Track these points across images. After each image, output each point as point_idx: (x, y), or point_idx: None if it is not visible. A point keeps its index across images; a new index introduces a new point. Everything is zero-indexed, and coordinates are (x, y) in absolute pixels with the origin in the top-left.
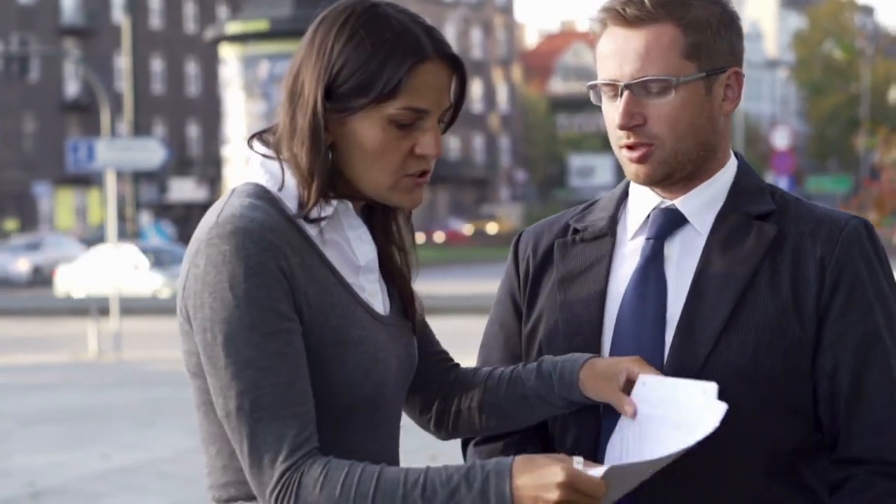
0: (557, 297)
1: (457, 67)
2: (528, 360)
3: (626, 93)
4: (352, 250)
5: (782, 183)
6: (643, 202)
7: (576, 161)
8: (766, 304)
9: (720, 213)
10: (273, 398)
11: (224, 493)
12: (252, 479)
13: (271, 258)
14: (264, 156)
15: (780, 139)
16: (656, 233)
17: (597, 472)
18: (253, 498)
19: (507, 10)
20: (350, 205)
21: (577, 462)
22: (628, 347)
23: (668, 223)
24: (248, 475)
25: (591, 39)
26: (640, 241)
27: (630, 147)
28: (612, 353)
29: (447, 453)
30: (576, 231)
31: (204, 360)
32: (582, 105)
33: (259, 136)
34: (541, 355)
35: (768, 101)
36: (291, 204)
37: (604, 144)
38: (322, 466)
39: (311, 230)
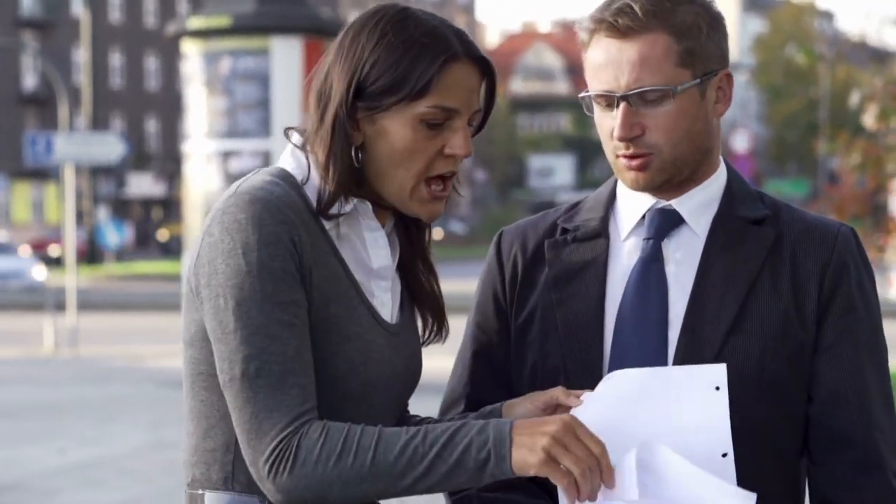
0: (552, 296)
1: (486, 70)
2: (519, 360)
3: (623, 104)
4: (366, 251)
5: None
6: (636, 203)
7: (535, 161)
8: (770, 307)
9: (717, 216)
10: (279, 367)
11: (189, 473)
12: (247, 448)
13: (286, 231)
14: (295, 146)
15: (740, 143)
16: (655, 233)
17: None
18: (216, 488)
19: (469, 9)
20: (370, 206)
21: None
22: (630, 347)
23: (666, 223)
24: (242, 443)
25: (558, 44)
26: (635, 242)
27: (628, 157)
28: (613, 354)
29: None
30: (565, 231)
31: (212, 326)
32: (542, 105)
33: (295, 129)
34: (536, 355)
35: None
36: (313, 198)
37: (563, 145)
38: (321, 428)
39: (327, 223)
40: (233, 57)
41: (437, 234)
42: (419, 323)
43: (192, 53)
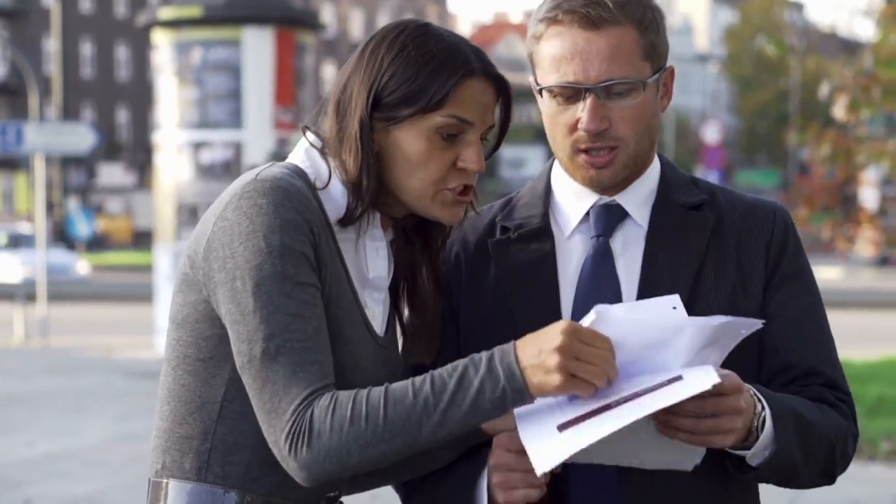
0: (506, 297)
1: (502, 89)
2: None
3: (591, 96)
4: (364, 259)
5: (712, 177)
6: (576, 198)
7: (506, 152)
8: (717, 289)
9: (655, 205)
10: (300, 344)
11: (158, 459)
12: (268, 429)
13: (306, 221)
14: (313, 145)
15: (711, 134)
16: (602, 230)
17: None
18: (187, 477)
19: (441, 0)
20: (378, 216)
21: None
22: None
23: (612, 219)
24: (263, 425)
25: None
26: (581, 239)
27: (589, 151)
28: None
29: None
30: (506, 229)
31: (229, 309)
32: (514, 96)
33: (311, 129)
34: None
35: (699, 96)
36: (329, 206)
37: (535, 136)
38: (329, 398)
39: (336, 228)
40: (204, 47)
41: None
42: (401, 339)
43: (162, 44)
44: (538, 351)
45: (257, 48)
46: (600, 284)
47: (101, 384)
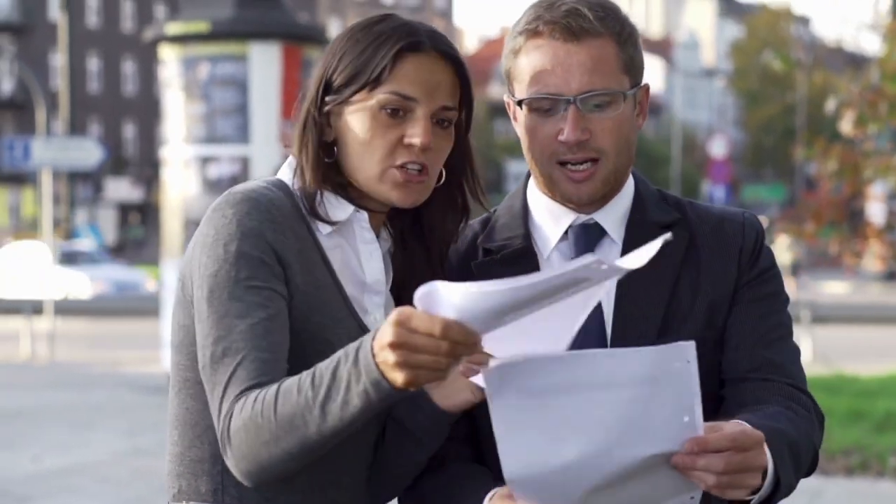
0: None
1: (458, 69)
2: None
3: (571, 107)
4: (360, 264)
5: (719, 191)
6: (555, 218)
7: (513, 167)
8: (692, 307)
9: (629, 222)
10: (244, 344)
11: (174, 484)
12: (216, 426)
13: (270, 229)
14: (293, 154)
15: (718, 148)
16: (583, 250)
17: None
18: (204, 500)
19: (447, 14)
20: (366, 216)
21: (417, 296)
22: None
23: (591, 239)
24: (215, 423)
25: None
26: (560, 258)
27: (570, 164)
28: None
29: None
30: (487, 251)
31: (196, 319)
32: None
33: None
34: None
35: (705, 110)
36: (302, 203)
37: None
38: (245, 397)
39: (322, 231)
40: (211, 62)
41: None
42: None
43: (169, 59)
44: (380, 347)
45: (264, 63)
46: None
47: (108, 399)
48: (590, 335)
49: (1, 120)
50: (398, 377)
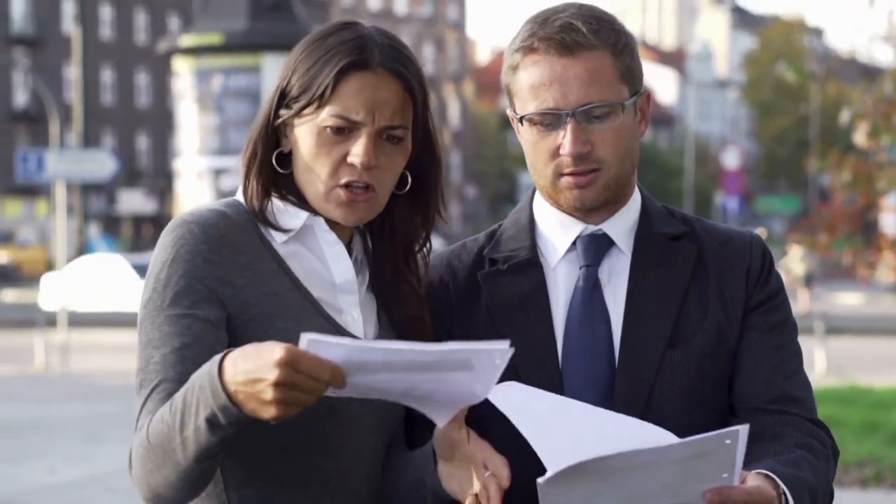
0: (499, 330)
1: (407, 84)
2: None
3: (571, 121)
4: (326, 267)
5: (732, 203)
6: (563, 229)
7: (526, 178)
8: (702, 318)
9: (638, 234)
10: (157, 375)
11: None
12: None
13: (204, 250)
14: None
15: (731, 159)
16: (592, 260)
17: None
18: None
19: (460, 26)
20: (322, 220)
21: (307, 341)
22: (583, 376)
23: (599, 249)
24: None
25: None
26: (567, 268)
27: (574, 174)
28: (566, 383)
29: None
30: (494, 262)
31: None
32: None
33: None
34: None
35: (718, 121)
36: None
37: None
38: (139, 427)
39: (278, 239)
40: (224, 74)
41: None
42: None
43: (183, 71)
44: (254, 380)
45: (277, 75)
46: (591, 313)
47: (122, 411)
48: (598, 346)
49: (15, 132)
50: (270, 412)
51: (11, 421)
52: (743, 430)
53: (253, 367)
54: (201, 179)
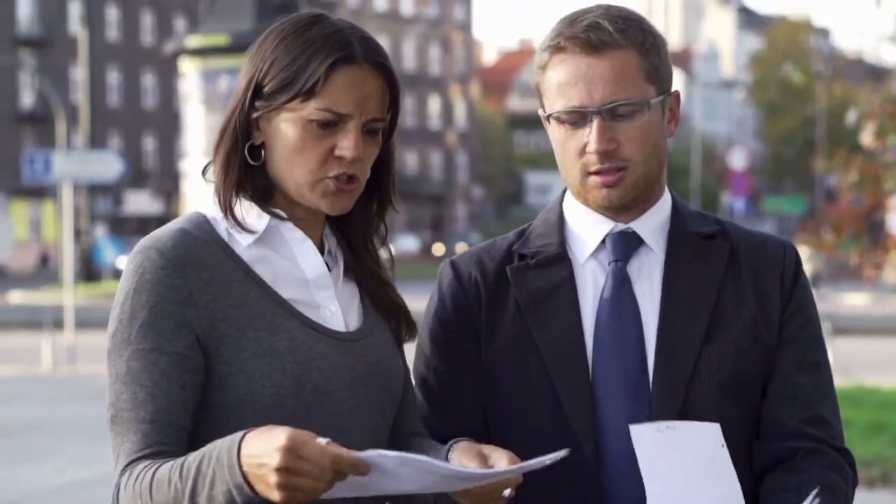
0: (527, 321)
1: (389, 80)
2: (493, 383)
3: (597, 119)
4: (297, 266)
5: (738, 203)
6: (592, 226)
7: (533, 178)
8: (737, 314)
9: (671, 233)
10: (128, 413)
11: None
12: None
13: (163, 276)
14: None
15: (738, 160)
16: (621, 255)
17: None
18: None
19: (466, 27)
20: (288, 220)
21: (323, 440)
22: (613, 369)
23: (628, 246)
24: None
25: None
26: (596, 265)
27: (600, 173)
28: (595, 377)
29: None
30: (524, 256)
31: None
32: (539, 122)
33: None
34: (515, 379)
35: (725, 122)
36: (222, 227)
37: None
38: (129, 475)
39: (242, 243)
40: (230, 75)
41: (439, 249)
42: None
43: (189, 71)
44: (259, 464)
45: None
46: (620, 308)
47: None
48: (629, 340)
49: (21, 134)
50: (275, 495)
51: (18, 422)
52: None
53: (258, 451)
54: (208, 180)
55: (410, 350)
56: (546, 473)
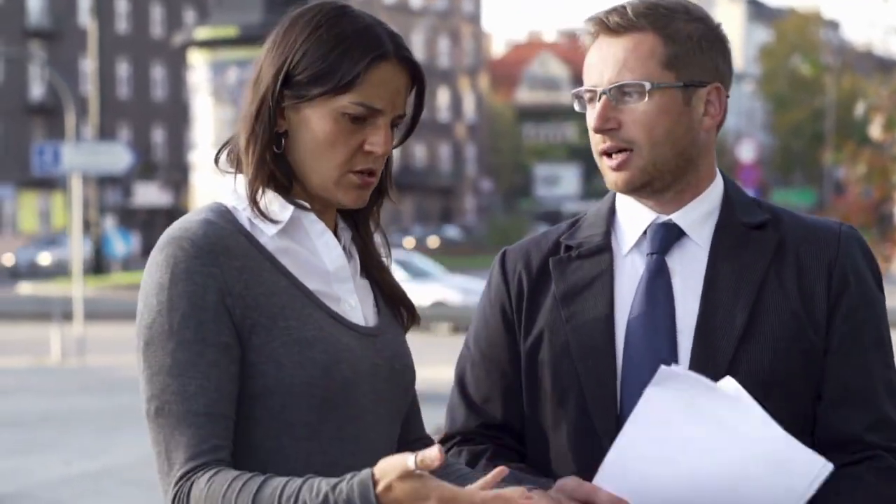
0: (561, 313)
1: (415, 74)
2: (531, 378)
3: (603, 97)
4: (318, 257)
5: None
6: (636, 217)
7: (541, 170)
8: (779, 311)
9: (718, 225)
10: (178, 406)
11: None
12: (161, 482)
13: (200, 265)
14: (225, 171)
15: (747, 152)
16: (658, 247)
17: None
18: None
19: (475, 19)
20: (311, 212)
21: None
22: (642, 362)
23: (668, 237)
24: (162, 489)
25: (564, 51)
26: (638, 257)
27: (608, 154)
28: (625, 369)
29: None
30: (568, 248)
31: (137, 367)
32: (548, 115)
33: (225, 152)
34: (549, 372)
35: (734, 114)
36: (245, 216)
37: (569, 154)
38: (208, 478)
39: (266, 234)
40: (240, 67)
41: (409, 243)
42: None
43: (198, 63)
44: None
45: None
46: (655, 301)
47: (138, 403)
48: (660, 333)
49: (31, 125)
50: None
51: (27, 413)
52: (827, 468)
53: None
54: (217, 172)
55: (412, 346)
56: (570, 470)
